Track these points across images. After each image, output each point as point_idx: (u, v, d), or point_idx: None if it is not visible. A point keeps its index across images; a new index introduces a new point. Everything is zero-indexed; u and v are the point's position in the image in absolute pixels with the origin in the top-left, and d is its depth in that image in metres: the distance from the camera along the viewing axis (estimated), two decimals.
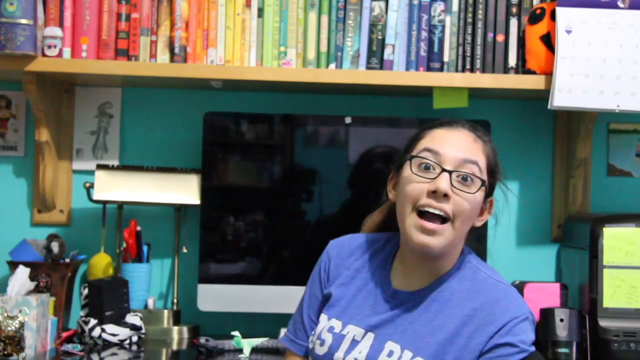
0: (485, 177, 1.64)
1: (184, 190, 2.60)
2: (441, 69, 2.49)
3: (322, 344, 1.71)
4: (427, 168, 1.62)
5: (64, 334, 2.45)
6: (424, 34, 2.48)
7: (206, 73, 2.48)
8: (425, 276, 1.67)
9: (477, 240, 2.50)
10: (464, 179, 1.61)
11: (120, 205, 2.61)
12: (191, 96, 2.72)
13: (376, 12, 2.48)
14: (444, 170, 1.60)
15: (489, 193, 1.68)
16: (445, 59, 2.49)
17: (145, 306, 2.60)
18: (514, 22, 2.50)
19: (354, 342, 1.67)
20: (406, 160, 1.65)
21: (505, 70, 2.49)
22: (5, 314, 2.21)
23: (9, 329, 2.19)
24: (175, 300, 2.63)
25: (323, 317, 1.74)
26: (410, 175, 1.63)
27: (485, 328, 1.59)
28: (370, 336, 1.65)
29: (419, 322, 1.63)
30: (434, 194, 1.59)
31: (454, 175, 1.60)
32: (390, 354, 1.62)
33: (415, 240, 1.61)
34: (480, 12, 2.49)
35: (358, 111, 2.67)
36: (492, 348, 1.58)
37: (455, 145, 1.63)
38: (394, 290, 1.68)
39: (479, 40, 2.49)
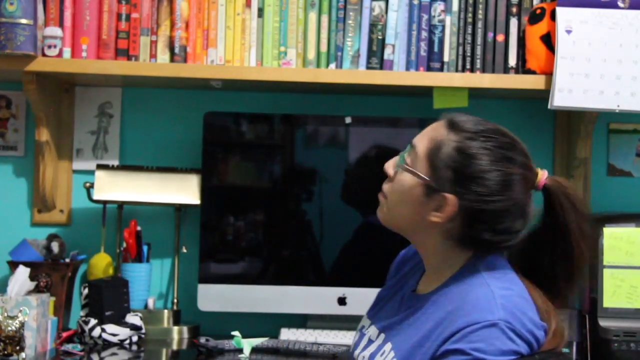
0: (418, 163, 1.55)
1: (184, 190, 2.60)
2: (441, 69, 2.49)
3: (352, 341, 1.75)
4: None
5: (64, 334, 2.45)
6: (424, 34, 2.48)
7: (206, 73, 2.48)
8: (434, 280, 1.63)
9: None
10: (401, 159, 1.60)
11: (120, 205, 2.61)
12: (191, 96, 2.72)
13: (376, 12, 2.48)
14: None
15: (437, 185, 1.53)
16: (445, 59, 2.49)
17: (145, 306, 2.60)
18: (514, 22, 2.50)
19: (369, 342, 1.66)
20: None
21: (505, 70, 2.49)
22: (5, 314, 2.21)
23: (9, 329, 2.19)
24: (175, 300, 2.63)
25: (365, 316, 1.76)
26: None
27: (444, 332, 1.49)
28: (382, 337, 1.64)
29: (414, 324, 1.59)
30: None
31: (400, 155, 1.61)
32: (383, 353, 1.60)
33: None
34: (480, 12, 2.49)
35: (358, 111, 2.68)
36: (443, 354, 1.47)
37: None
38: (411, 293, 1.67)
39: (479, 40, 2.49)
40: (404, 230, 1.62)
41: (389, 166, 1.60)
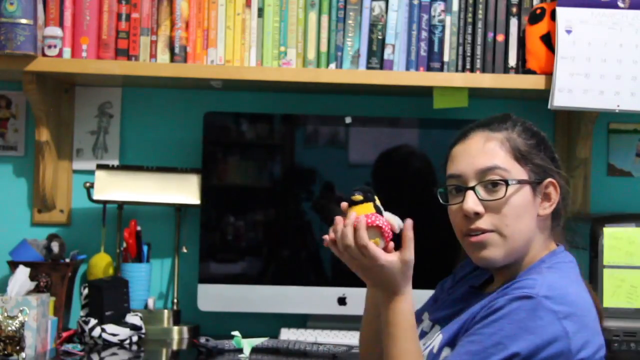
0: (513, 172, 1.56)
1: (184, 190, 2.60)
2: (441, 69, 2.49)
3: None
4: (456, 193, 1.59)
5: (64, 334, 2.45)
6: (424, 34, 2.48)
7: (206, 73, 2.48)
8: (500, 280, 1.62)
9: None
10: (490, 187, 1.56)
11: (120, 205, 2.61)
12: (191, 96, 2.72)
13: (376, 12, 2.48)
14: (467, 189, 1.56)
15: (540, 177, 1.57)
16: (445, 59, 2.49)
17: (145, 306, 2.60)
18: (514, 22, 2.50)
19: (423, 333, 1.65)
20: (440, 192, 1.63)
21: (505, 70, 2.49)
22: (5, 314, 2.21)
23: (9, 329, 2.19)
24: (175, 300, 2.63)
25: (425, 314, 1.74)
26: (449, 206, 1.61)
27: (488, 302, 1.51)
28: (436, 327, 1.63)
29: (464, 311, 1.58)
30: (466, 217, 1.56)
31: (478, 188, 1.55)
32: (432, 335, 1.61)
33: (476, 260, 1.58)
34: (480, 12, 2.49)
35: (358, 111, 2.67)
36: (482, 308, 1.49)
37: (470, 158, 1.58)
38: (472, 289, 1.66)
39: (479, 40, 2.49)
40: (521, 250, 1.57)
41: (474, 205, 1.55)
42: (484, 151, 1.58)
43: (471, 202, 1.55)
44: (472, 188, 1.56)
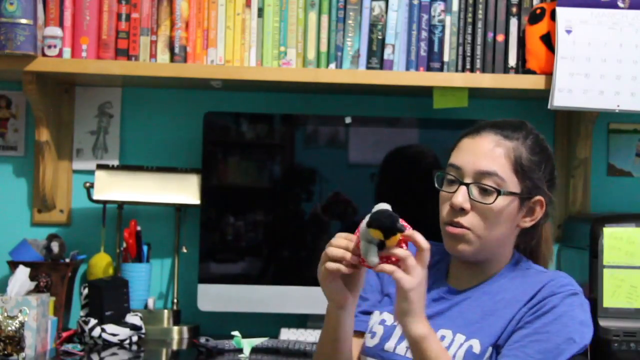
0: (508, 183, 1.62)
1: (184, 190, 2.60)
2: (441, 69, 2.49)
3: (372, 337, 1.73)
4: (451, 182, 1.65)
5: (64, 334, 2.45)
6: (424, 34, 2.48)
7: (206, 73, 2.48)
8: (473, 278, 1.69)
9: None
10: (483, 190, 1.62)
11: (120, 205, 2.61)
12: (191, 96, 2.72)
13: (376, 12, 2.48)
14: (461, 183, 1.62)
15: (531, 193, 1.64)
16: (445, 59, 2.49)
17: (145, 306, 2.60)
18: (514, 22, 2.50)
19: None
20: (437, 175, 1.68)
21: (505, 70, 2.49)
22: (5, 314, 2.21)
23: (9, 329, 2.19)
24: (175, 300, 2.63)
25: (375, 314, 1.76)
26: (441, 192, 1.67)
27: (527, 295, 1.61)
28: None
29: (470, 311, 1.64)
30: (453, 208, 1.63)
31: (472, 187, 1.62)
32: (442, 338, 1.62)
33: (449, 248, 1.66)
34: (480, 12, 2.49)
35: (358, 111, 2.68)
36: (531, 308, 1.58)
37: (475, 156, 1.63)
38: (448, 287, 1.71)
39: (479, 40, 2.49)
40: (491, 251, 1.66)
41: (463, 201, 1.61)
42: (490, 155, 1.63)
43: (461, 197, 1.62)
44: (467, 185, 1.62)
